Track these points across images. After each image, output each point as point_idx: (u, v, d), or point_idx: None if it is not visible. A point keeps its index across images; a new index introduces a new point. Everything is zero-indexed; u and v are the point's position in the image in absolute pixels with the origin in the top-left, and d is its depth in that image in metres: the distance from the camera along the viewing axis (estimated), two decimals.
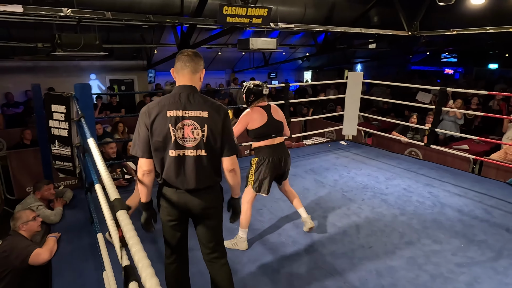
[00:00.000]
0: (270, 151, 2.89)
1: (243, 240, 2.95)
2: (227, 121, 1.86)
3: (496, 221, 3.42)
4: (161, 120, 1.79)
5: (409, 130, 6.29)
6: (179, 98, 1.83)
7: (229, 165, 1.92)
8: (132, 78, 10.78)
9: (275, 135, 2.93)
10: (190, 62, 1.88)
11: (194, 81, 1.89)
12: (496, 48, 15.52)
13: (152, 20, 4.82)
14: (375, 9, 8.76)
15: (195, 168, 1.83)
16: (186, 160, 1.83)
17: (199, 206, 1.90)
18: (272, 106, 2.99)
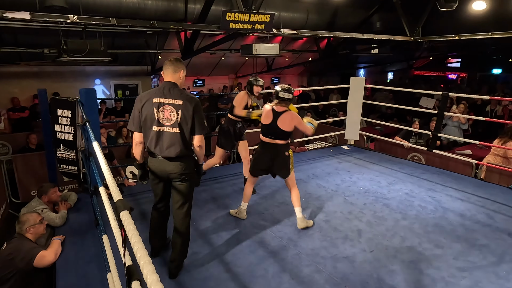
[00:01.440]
0: (263, 146, 3.36)
1: (243, 211, 3.54)
2: (196, 108, 2.47)
3: (499, 225, 3.41)
4: (148, 104, 2.46)
5: (412, 135, 6.29)
6: (162, 90, 2.48)
7: (197, 142, 2.56)
8: (136, 83, 10.89)
9: (273, 137, 3.27)
10: (171, 65, 2.52)
11: (174, 79, 2.53)
12: (500, 53, 15.49)
13: (156, 26, 4.90)
14: (378, 14, 8.82)
15: (169, 141, 2.47)
16: (163, 134, 2.48)
17: (174, 171, 2.51)
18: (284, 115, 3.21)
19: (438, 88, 14.57)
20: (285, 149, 3.30)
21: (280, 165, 3.32)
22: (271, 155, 3.31)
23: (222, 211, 3.75)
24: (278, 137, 3.26)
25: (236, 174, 4.86)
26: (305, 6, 7.98)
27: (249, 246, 3.05)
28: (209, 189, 4.34)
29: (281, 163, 3.31)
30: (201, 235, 3.26)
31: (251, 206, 3.84)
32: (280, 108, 3.22)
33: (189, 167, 2.56)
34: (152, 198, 3.97)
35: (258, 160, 3.39)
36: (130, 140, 6.97)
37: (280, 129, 3.21)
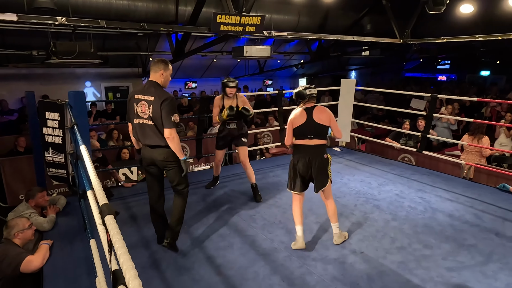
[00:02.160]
0: (298, 151, 3.03)
1: (299, 240, 3.05)
2: (163, 104, 2.73)
3: (486, 225, 3.46)
4: (132, 100, 2.84)
5: (402, 136, 6.35)
6: (143, 88, 2.85)
7: (166, 134, 2.76)
8: (127, 86, 10.81)
9: (312, 136, 2.98)
10: (153, 66, 2.87)
11: (155, 78, 2.86)
12: (488, 55, 15.76)
13: (146, 28, 4.88)
14: (368, 17, 8.91)
15: (147, 132, 2.82)
16: (144, 126, 2.81)
17: (158, 158, 2.86)
18: (317, 107, 3.03)
19: (428, 89, 14.74)
20: (324, 151, 3.02)
21: (319, 170, 2.97)
22: (309, 158, 2.97)
23: (213, 213, 3.73)
24: (316, 136, 2.97)
25: (227, 177, 4.85)
26: (296, 8, 8.02)
27: (240, 249, 3.05)
28: (200, 192, 4.32)
29: (319, 168, 2.97)
30: (192, 237, 3.24)
31: (242, 209, 3.84)
32: (311, 104, 3.04)
33: (172, 155, 2.84)
34: (143, 201, 3.97)
35: (296, 169, 3.02)
36: (121, 142, 6.93)
37: (318, 123, 2.97)
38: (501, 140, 6.07)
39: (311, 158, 2.98)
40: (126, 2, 6.17)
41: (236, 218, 3.63)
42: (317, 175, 2.99)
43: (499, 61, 16.14)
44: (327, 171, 3.02)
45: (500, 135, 6.10)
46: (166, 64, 2.86)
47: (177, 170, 2.89)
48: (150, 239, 3.20)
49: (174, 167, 2.88)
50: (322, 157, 3.00)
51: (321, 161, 2.99)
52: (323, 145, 3.03)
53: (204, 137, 5.25)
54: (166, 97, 2.77)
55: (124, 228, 3.41)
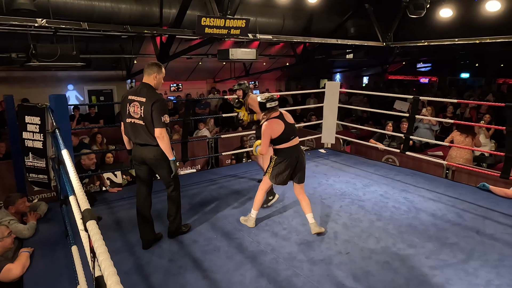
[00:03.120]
0: (289, 152, 3.31)
1: (252, 219, 3.48)
2: (154, 106, 2.84)
3: (467, 224, 3.55)
4: (125, 100, 2.96)
5: (386, 138, 6.47)
6: (136, 89, 2.97)
7: (157, 133, 2.88)
8: (111, 89, 10.65)
9: (293, 136, 3.33)
10: (147, 69, 2.98)
11: (149, 80, 2.98)
12: (467, 58, 16.22)
13: (130, 30, 4.82)
14: (352, 20, 9.05)
15: (139, 131, 2.93)
16: (135, 125, 2.93)
17: (148, 156, 2.97)
18: (283, 112, 3.37)
19: (411, 91, 15.06)
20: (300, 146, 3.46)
21: (302, 164, 3.38)
22: (295, 156, 3.33)
23: (199, 217, 3.71)
24: (295, 135, 3.36)
25: (214, 180, 4.83)
26: (281, 11, 8.08)
27: (226, 252, 3.03)
28: (186, 196, 4.28)
29: (303, 162, 3.38)
30: (178, 242, 3.21)
31: (229, 212, 3.83)
32: (277, 113, 3.32)
33: (161, 154, 2.96)
34: (127, 206, 3.91)
35: (285, 168, 3.29)
36: (105, 146, 6.81)
37: (292, 124, 3.34)
38: (481, 140, 6.25)
39: (297, 155, 3.34)
40: (109, 4, 6.09)
41: (223, 222, 3.61)
42: (301, 169, 3.38)
43: (478, 64, 16.64)
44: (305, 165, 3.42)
45: (480, 135, 6.27)
46: (160, 67, 2.99)
47: (166, 170, 3.03)
48: (135, 244, 3.16)
49: (164, 167, 3.02)
50: (303, 151, 3.41)
51: (303, 156, 3.40)
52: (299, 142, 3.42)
53: (190, 140, 5.21)
54: (157, 98, 2.89)
55: (109, 233, 3.35)
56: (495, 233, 3.36)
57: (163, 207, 3.93)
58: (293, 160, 3.31)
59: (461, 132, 5.51)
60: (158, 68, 2.97)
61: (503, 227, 3.48)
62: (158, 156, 2.96)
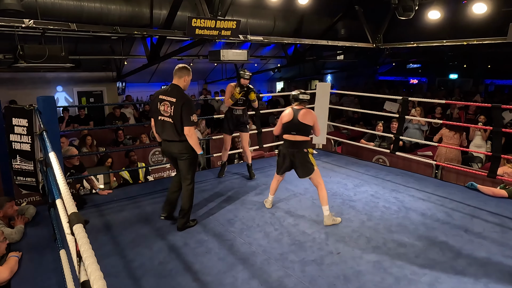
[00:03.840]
0: (285, 144, 3.61)
1: (269, 201, 3.95)
2: (184, 106, 3.17)
3: (456, 223, 3.60)
4: (156, 99, 3.29)
5: (376, 138, 6.52)
6: (167, 89, 3.29)
7: (186, 131, 3.21)
8: (101, 90, 10.55)
9: (294, 132, 3.53)
10: (178, 72, 3.31)
11: (178, 82, 3.30)
12: (456, 59, 16.48)
13: (119, 31, 4.78)
14: (342, 22, 9.12)
15: (167, 128, 3.27)
16: (164, 123, 3.27)
17: (174, 150, 3.34)
18: (305, 110, 3.57)
19: (400, 92, 15.23)
20: (304, 145, 3.55)
21: (299, 161, 3.54)
22: (291, 150, 3.55)
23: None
24: (299, 132, 3.51)
25: (205, 181, 4.81)
26: (272, 13, 8.11)
27: (218, 254, 3.02)
28: None
29: (300, 160, 3.53)
30: (169, 244, 3.19)
31: (220, 213, 3.82)
32: (299, 107, 3.59)
33: (185, 148, 3.28)
34: (117, 208, 3.89)
35: (281, 160, 3.66)
36: (95, 148, 6.75)
37: (301, 122, 3.50)
38: (476, 142, 6.34)
39: (293, 150, 3.55)
40: (98, 5, 6.04)
41: (214, 223, 3.60)
42: (299, 165, 3.57)
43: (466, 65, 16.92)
44: (308, 162, 3.54)
45: (476, 137, 6.36)
46: (189, 70, 3.34)
47: (188, 162, 3.35)
48: (125, 247, 3.13)
49: (186, 159, 3.34)
50: (302, 151, 3.53)
51: (301, 154, 3.53)
52: (305, 141, 3.56)
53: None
54: (186, 100, 3.24)
55: (98, 236, 3.32)
56: (483, 231, 3.41)
57: (152, 209, 3.92)
58: (288, 154, 3.56)
59: (449, 129, 5.74)
60: (188, 71, 3.32)
61: (491, 225, 3.53)
62: (182, 150, 3.31)
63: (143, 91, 12.13)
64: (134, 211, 3.90)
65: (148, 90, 12.22)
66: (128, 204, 4.10)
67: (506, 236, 3.32)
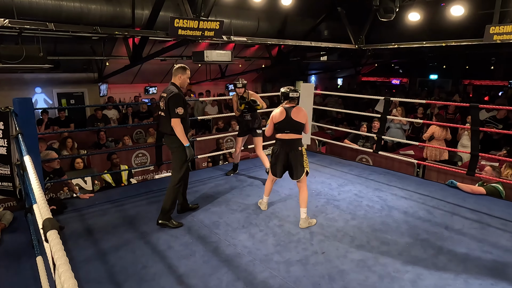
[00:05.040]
0: (279, 143, 3.56)
1: (264, 203, 3.92)
2: (169, 100, 3.39)
3: (437, 220, 3.67)
4: (160, 97, 3.55)
5: (360, 138, 6.61)
6: (166, 87, 3.52)
7: (172, 123, 3.40)
8: (82, 91, 10.31)
9: (288, 131, 3.50)
10: (174, 71, 3.53)
11: (174, 80, 3.53)
12: (435, 60, 16.90)
13: (99, 32, 4.68)
14: (325, 23, 9.21)
15: (162, 121, 3.55)
16: (160, 117, 3.57)
17: (166, 142, 3.62)
18: (297, 108, 3.55)
19: (383, 93, 15.49)
20: (298, 144, 3.53)
21: (295, 161, 3.50)
22: (286, 149, 3.52)
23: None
24: (292, 131, 3.50)
25: (189, 183, 4.75)
26: (256, 14, 8.11)
27: (203, 256, 2.99)
28: (161, 201, 4.17)
29: (295, 159, 3.50)
30: (152, 248, 3.13)
31: (205, 215, 3.78)
32: (290, 104, 3.56)
33: (175, 141, 3.45)
34: (99, 212, 3.81)
35: (275, 160, 3.60)
36: (75, 151, 6.59)
37: (294, 120, 3.48)
38: (463, 142, 6.50)
39: (288, 149, 3.52)
40: (78, 4, 5.91)
41: (199, 225, 3.56)
42: (294, 165, 3.52)
43: (445, 66, 17.37)
44: (302, 162, 3.52)
45: (463, 137, 6.52)
46: (184, 69, 3.52)
47: (177, 156, 3.50)
48: (107, 251, 3.06)
49: (175, 152, 3.51)
50: (297, 149, 3.51)
51: (296, 152, 3.51)
52: (299, 139, 3.56)
53: (164, 143, 5.11)
54: (171, 94, 3.41)
55: (79, 241, 3.23)
56: (462, 228, 3.49)
57: (135, 213, 3.85)
58: (282, 154, 3.53)
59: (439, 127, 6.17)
60: (182, 70, 3.51)
61: (470, 222, 3.62)
62: (172, 143, 3.50)
63: (126, 92, 11.94)
64: (116, 214, 3.83)
65: (131, 91, 12.02)
66: (111, 207, 4.02)
67: (484, 232, 3.41)
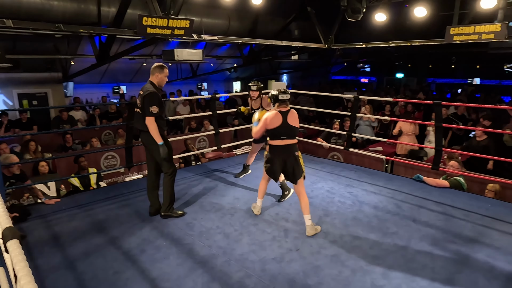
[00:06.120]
0: (276, 150, 3.40)
1: (257, 207, 3.75)
2: (145, 98, 3.43)
3: (405, 214, 3.81)
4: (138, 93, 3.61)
5: (333, 136, 6.74)
6: (144, 85, 3.56)
7: (146, 121, 3.44)
8: (45, 92, 9.83)
9: (285, 137, 3.36)
10: (151, 70, 3.56)
11: (152, 78, 3.56)
12: (401, 60, 17.57)
13: (62, 29, 4.47)
14: (295, 23, 9.31)
15: (138, 118, 3.59)
16: (137, 114, 3.57)
17: (143, 140, 3.61)
18: (292, 112, 3.41)
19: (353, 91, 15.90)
20: (295, 149, 3.43)
21: (292, 166, 3.39)
22: (283, 156, 3.39)
23: (147, 225, 3.55)
24: (290, 136, 3.38)
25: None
26: (227, 13, 8.07)
27: (177, 259, 2.94)
28: (132, 203, 4.09)
29: (293, 164, 3.39)
30: (124, 252, 3.04)
31: (179, 217, 3.72)
32: (285, 108, 3.40)
33: (150, 138, 3.47)
34: (66, 218, 3.66)
35: (272, 166, 3.44)
36: (39, 154, 6.28)
37: (291, 125, 3.37)
38: (430, 138, 6.78)
39: (285, 156, 3.40)
40: (39, 0, 5.62)
41: (173, 228, 3.50)
42: (292, 170, 3.41)
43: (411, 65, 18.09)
44: (300, 166, 3.43)
45: (430, 132, 6.80)
46: (161, 68, 3.53)
47: (158, 153, 3.51)
48: (76, 258, 2.94)
49: (156, 150, 3.51)
50: (294, 154, 3.41)
51: (293, 158, 3.40)
52: (294, 144, 3.45)
53: (135, 144, 4.98)
54: (147, 92, 3.44)
55: (45, 249, 3.09)
56: (429, 220, 3.65)
57: (105, 217, 3.73)
58: (279, 161, 3.39)
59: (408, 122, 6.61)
60: (159, 69, 3.53)
61: (435, 214, 3.79)
62: (148, 140, 3.52)
63: (93, 93, 11.52)
64: (85, 219, 3.69)
65: (99, 91, 11.62)
66: (79, 212, 3.86)
67: (449, 223, 3.59)
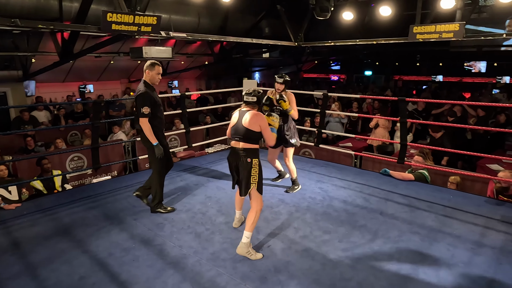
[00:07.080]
0: (230, 151, 3.17)
1: (235, 218, 3.50)
2: (137, 99, 3.44)
3: (373, 207, 3.94)
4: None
5: (304, 133, 6.83)
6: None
7: (140, 122, 3.47)
8: (4, 91, 9.29)
9: (238, 138, 3.05)
10: (144, 67, 3.53)
11: (144, 77, 3.55)
12: (369, 58, 18.06)
13: (20, 25, 4.23)
14: (266, 21, 9.33)
15: (135, 120, 3.56)
16: (134, 114, 3.61)
17: (141, 141, 3.64)
18: (250, 112, 3.05)
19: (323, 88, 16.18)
20: (248, 155, 2.98)
21: (241, 173, 3.02)
22: (234, 159, 3.07)
23: (115, 227, 3.46)
24: (241, 139, 3.01)
25: (131, 186, 4.55)
26: (196, 10, 7.95)
27: (146, 261, 2.88)
28: (100, 205, 3.96)
29: (241, 171, 3.01)
30: (91, 256, 2.94)
31: (148, 218, 3.65)
32: (247, 108, 3.11)
33: (148, 141, 3.52)
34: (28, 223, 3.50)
35: (230, 168, 3.20)
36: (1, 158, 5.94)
37: (244, 127, 2.99)
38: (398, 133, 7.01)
39: (235, 159, 3.07)
40: None
41: (142, 229, 3.42)
42: (241, 178, 3.06)
43: (378, 63, 18.64)
44: (250, 176, 2.98)
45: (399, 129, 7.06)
46: (152, 65, 3.52)
47: (149, 152, 3.61)
48: (38, 265, 2.81)
49: (148, 151, 3.62)
50: (246, 160, 2.98)
51: (243, 164, 2.99)
52: (249, 149, 3.01)
53: (101, 145, 4.82)
54: (138, 92, 3.45)
55: (4, 256, 2.94)
56: (395, 212, 3.79)
57: (71, 221, 3.59)
58: (231, 163, 3.12)
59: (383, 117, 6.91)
60: (150, 67, 3.50)
61: (401, 206, 3.94)
62: (143, 142, 3.59)
63: (58, 92, 11.01)
64: (48, 224, 3.53)
65: (64, 90, 11.12)
66: (42, 217, 3.70)
67: (413, 215, 3.74)
